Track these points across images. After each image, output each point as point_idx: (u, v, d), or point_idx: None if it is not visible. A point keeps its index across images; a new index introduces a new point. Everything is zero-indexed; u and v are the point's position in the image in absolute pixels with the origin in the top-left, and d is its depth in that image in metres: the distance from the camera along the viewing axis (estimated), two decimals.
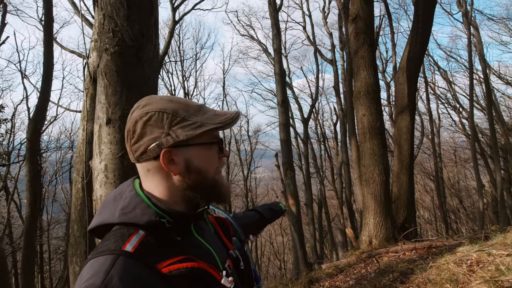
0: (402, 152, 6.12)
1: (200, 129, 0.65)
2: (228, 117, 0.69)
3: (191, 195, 0.68)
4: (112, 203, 0.67)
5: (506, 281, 2.72)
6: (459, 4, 11.51)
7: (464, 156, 20.06)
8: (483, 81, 11.77)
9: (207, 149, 0.68)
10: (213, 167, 0.69)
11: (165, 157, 0.65)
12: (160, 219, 0.62)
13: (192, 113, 0.67)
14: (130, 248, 0.57)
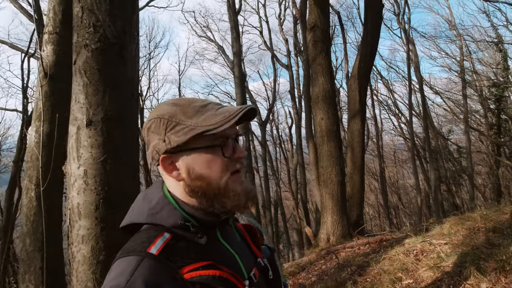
0: (354, 154, 6.60)
1: (191, 133, 0.62)
2: (226, 116, 0.62)
3: (199, 202, 0.65)
4: (141, 202, 0.68)
5: (447, 266, 3.10)
6: (399, 22, 12.82)
7: (402, 157, 22.25)
8: (419, 90, 13.23)
9: (208, 153, 0.63)
10: (218, 172, 0.64)
11: (165, 163, 0.65)
12: (185, 223, 0.62)
13: (189, 115, 0.64)
14: (155, 251, 0.57)
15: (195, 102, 0.67)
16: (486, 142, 14.98)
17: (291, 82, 14.24)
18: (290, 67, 14.62)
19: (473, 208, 9.30)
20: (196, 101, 0.67)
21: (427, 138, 11.66)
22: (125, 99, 1.17)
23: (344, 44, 10.74)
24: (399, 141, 21.57)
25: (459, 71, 15.35)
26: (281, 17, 14.81)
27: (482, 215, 4.19)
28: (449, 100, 16.90)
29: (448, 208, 11.70)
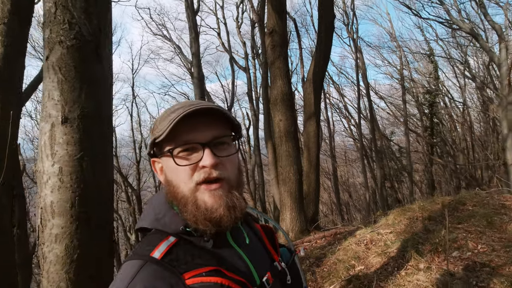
0: (310, 154, 6.97)
1: (151, 140, 0.64)
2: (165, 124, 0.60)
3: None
4: (149, 206, 0.68)
5: (392, 252, 3.48)
6: (348, 31, 13.82)
7: (352, 157, 23.84)
8: (366, 95, 14.36)
9: (171, 160, 0.61)
10: (180, 179, 0.61)
11: (154, 166, 0.69)
12: (186, 229, 0.61)
13: (161, 120, 0.63)
14: (158, 255, 0.57)
15: (180, 104, 0.64)
16: (422, 143, 16.80)
17: (248, 84, 14.47)
18: (248, 70, 14.84)
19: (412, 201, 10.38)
20: (183, 103, 0.64)
21: (373, 139, 12.77)
22: (102, 96, 1.18)
23: (300, 49, 11.32)
24: (349, 142, 23.05)
25: (399, 79, 17.00)
26: (238, 20, 14.98)
27: (420, 206, 4.75)
28: (391, 105, 18.62)
29: (392, 203, 12.92)
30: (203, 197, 0.60)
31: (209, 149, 0.60)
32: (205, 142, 0.60)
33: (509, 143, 10.63)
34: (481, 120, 17.15)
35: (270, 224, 0.90)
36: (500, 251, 2.99)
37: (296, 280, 0.73)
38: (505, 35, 11.17)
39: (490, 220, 3.64)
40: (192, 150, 0.61)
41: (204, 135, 0.61)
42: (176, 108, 0.63)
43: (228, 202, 0.60)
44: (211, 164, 0.59)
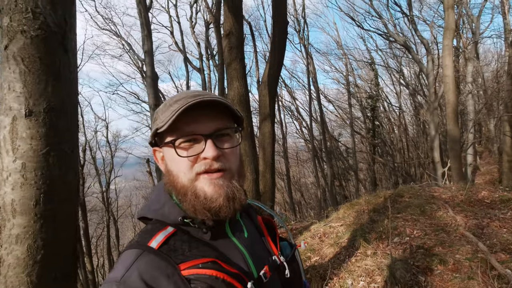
0: (265, 154, 7.17)
1: (153, 130, 0.63)
2: (167, 115, 0.59)
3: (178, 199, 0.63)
4: (152, 197, 0.69)
5: (343, 242, 3.78)
6: (300, 37, 14.49)
7: (303, 158, 24.90)
8: (316, 98, 15.18)
9: (172, 150, 0.61)
10: (180, 169, 0.61)
11: (157, 155, 0.68)
12: (184, 220, 0.61)
13: (164, 110, 0.62)
14: (155, 245, 0.57)
15: (181, 95, 0.63)
16: (365, 144, 18.28)
17: (203, 85, 14.31)
18: (203, 71, 14.68)
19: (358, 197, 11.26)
20: (184, 94, 0.63)
21: (323, 140, 13.58)
22: (69, 90, 1.13)
23: (255, 52, 11.57)
24: (301, 143, 24.05)
25: (345, 84, 18.30)
26: (192, 20, 14.75)
27: (365, 200, 5.21)
28: (339, 108, 19.96)
29: (340, 200, 13.84)
30: (202, 186, 0.60)
31: (211, 141, 0.59)
32: (207, 134, 0.60)
33: (436, 144, 12.13)
34: (414, 123, 19.29)
35: (271, 216, 0.90)
36: (431, 234, 3.45)
37: (296, 274, 0.73)
38: (431, 49, 12.77)
39: (423, 209, 4.16)
40: (194, 141, 0.60)
41: (207, 127, 0.60)
42: (178, 98, 0.62)
43: (228, 193, 0.60)
44: (213, 156, 0.59)
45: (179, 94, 0.64)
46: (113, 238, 15.52)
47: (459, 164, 7.54)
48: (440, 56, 10.42)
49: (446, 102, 8.18)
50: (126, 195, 23.91)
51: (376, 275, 2.91)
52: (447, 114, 8.24)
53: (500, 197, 4.45)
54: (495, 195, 4.55)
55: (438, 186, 6.06)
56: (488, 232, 3.40)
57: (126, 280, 0.52)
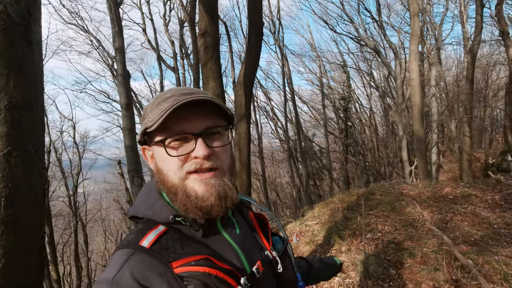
0: (242, 154, 7.15)
1: (142, 129, 0.63)
2: (158, 113, 0.58)
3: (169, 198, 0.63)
4: (141, 195, 0.67)
5: (319, 239, 3.85)
6: (275, 39, 14.64)
7: (278, 158, 25.16)
8: (291, 99, 15.41)
9: (162, 149, 0.60)
10: (170, 168, 0.60)
11: (146, 154, 0.67)
12: (175, 218, 0.60)
13: (152, 108, 0.61)
14: (146, 244, 0.56)
15: (170, 92, 0.62)
16: (339, 144, 18.83)
17: (177, 84, 14.02)
18: (177, 70, 14.38)
19: (333, 196, 11.56)
20: (173, 91, 0.63)
21: (298, 140, 13.81)
22: (33, 85, 1.05)
23: (230, 52, 11.51)
24: (276, 143, 24.31)
25: (319, 85, 18.74)
26: (166, 18, 14.41)
27: (339, 199, 5.35)
28: (313, 109, 20.40)
29: (315, 199, 14.14)
30: (193, 185, 0.59)
31: (202, 140, 0.59)
32: (197, 133, 0.59)
33: (403, 143, 12.75)
34: (383, 124, 20.16)
35: (262, 211, 0.91)
36: (401, 230, 3.62)
37: (288, 268, 0.73)
38: (399, 53, 13.42)
39: (393, 206, 4.35)
40: (184, 140, 0.60)
41: (197, 125, 0.60)
42: (167, 96, 0.61)
43: (220, 192, 0.59)
44: (204, 155, 0.59)
45: (169, 91, 0.63)
46: (81, 244, 14.75)
47: (425, 162, 7.98)
48: (407, 61, 10.98)
49: (413, 104, 8.62)
50: (96, 198, 22.84)
51: (351, 270, 3.00)
52: (413, 116, 8.69)
53: (461, 193, 4.76)
54: (457, 191, 4.86)
55: (406, 183, 6.36)
56: (452, 225, 3.63)
57: (119, 280, 0.51)
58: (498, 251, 2.91)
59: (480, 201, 4.39)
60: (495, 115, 19.49)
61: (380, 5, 13.03)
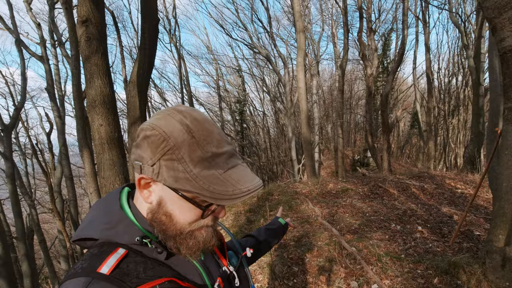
0: None
1: (181, 185, 0.53)
2: (229, 193, 0.53)
3: (155, 231, 0.59)
4: (96, 213, 0.60)
5: None
6: (170, 37, 13.93)
7: None
8: (188, 100, 15.01)
9: (189, 205, 0.56)
10: (187, 221, 0.57)
11: (141, 182, 0.58)
12: (142, 240, 0.56)
13: (195, 159, 0.52)
14: (106, 270, 0.51)
15: (211, 142, 0.55)
16: (235, 145, 19.48)
17: (48, 77, 11.58)
18: (47, 59, 11.91)
19: None
20: (213, 141, 0.55)
21: None
22: None
23: (120, 47, 10.17)
24: None
25: (216, 88, 18.96)
26: None
27: (242, 202, 5.49)
28: (210, 111, 20.43)
29: None
30: (199, 236, 0.59)
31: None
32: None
33: (292, 144, 14.22)
34: (275, 126, 22.04)
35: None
36: (298, 227, 3.96)
37: (244, 282, 0.76)
38: (287, 63, 14.91)
39: (290, 205, 4.74)
40: (212, 207, 0.59)
41: None
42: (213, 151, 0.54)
43: (215, 233, 0.63)
44: (224, 216, 0.61)
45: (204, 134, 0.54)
46: None
47: (311, 161, 9.07)
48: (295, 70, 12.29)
49: (300, 109, 9.69)
50: None
51: (258, 274, 3.08)
52: (301, 120, 9.76)
53: (341, 188, 5.61)
54: (338, 187, 5.70)
55: (298, 182, 7.07)
56: (337, 218, 4.21)
57: None
58: (372, 236, 3.54)
59: (355, 194, 5.26)
60: (357, 119, 24.06)
61: (271, 18, 14.17)
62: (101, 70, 5.53)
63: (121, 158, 5.41)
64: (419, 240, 3.42)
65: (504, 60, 2.52)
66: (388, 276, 2.73)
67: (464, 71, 15.34)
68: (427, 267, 2.78)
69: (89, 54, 5.53)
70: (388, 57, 17.17)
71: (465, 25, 12.29)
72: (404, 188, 5.51)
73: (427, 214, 4.22)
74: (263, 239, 1.10)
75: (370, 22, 11.69)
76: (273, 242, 1.15)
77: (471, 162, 8.69)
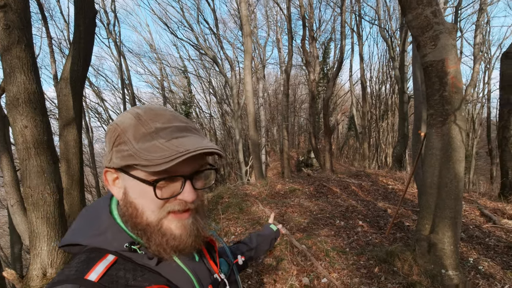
0: (71, 167, 5.82)
1: (125, 161, 0.53)
2: (166, 155, 0.50)
3: (131, 230, 0.56)
4: (85, 219, 0.59)
5: None
6: (109, 32, 12.89)
7: None
8: (130, 101, 14.08)
9: (146, 187, 0.53)
10: (150, 207, 0.54)
11: (108, 177, 0.58)
12: (131, 246, 0.55)
13: (138, 136, 0.53)
14: (94, 277, 0.50)
15: (158, 120, 0.55)
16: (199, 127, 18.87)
17: None
18: None
19: None
20: (160, 119, 0.55)
21: None
22: None
23: (49, 38, 8.98)
24: None
25: (160, 89, 18.15)
26: None
27: None
28: None
29: None
30: (169, 225, 0.55)
31: (190, 183, 0.55)
32: (188, 175, 0.55)
33: (240, 146, 14.31)
34: (222, 128, 21.91)
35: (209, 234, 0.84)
36: (250, 229, 3.99)
37: None
38: (234, 66, 14.99)
39: (241, 207, 4.75)
40: (170, 179, 0.54)
41: (188, 167, 0.55)
42: (158, 127, 0.53)
43: (195, 232, 0.57)
44: (191, 200, 0.55)
45: (154, 116, 0.55)
46: None
47: (259, 163, 9.24)
48: (242, 73, 12.41)
49: (248, 112, 9.81)
50: None
51: None
52: (249, 122, 9.89)
53: (289, 188, 5.82)
54: (286, 187, 5.90)
55: (248, 184, 7.13)
56: (287, 217, 4.35)
57: None
58: (319, 233, 3.74)
59: (302, 194, 5.51)
60: (301, 122, 25.29)
61: (218, 20, 14.10)
62: (24, 64, 4.87)
63: (52, 164, 4.82)
64: (361, 234, 3.72)
65: (426, 73, 2.90)
66: (336, 269, 2.91)
67: (391, 80, 17.27)
68: (368, 258, 3.04)
69: (9, 45, 4.82)
70: (328, 64, 18.44)
71: (392, 39, 13.86)
72: (345, 186, 5.95)
73: (366, 209, 4.62)
74: (255, 246, 1.09)
75: (312, 31, 12.41)
76: (265, 248, 1.14)
77: (399, 161, 9.79)
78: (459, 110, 2.73)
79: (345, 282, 2.70)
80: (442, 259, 2.69)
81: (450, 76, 2.71)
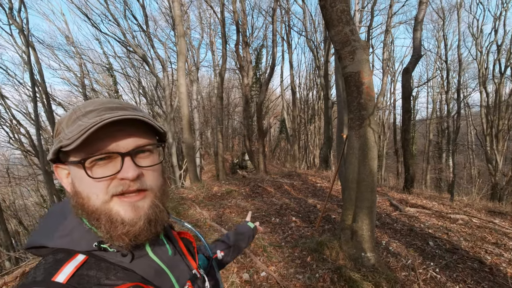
0: None
1: (55, 147, 0.53)
2: (79, 130, 0.49)
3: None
4: (51, 220, 0.58)
5: None
6: (11, 17, 11.04)
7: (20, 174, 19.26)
8: (41, 100, 12.31)
9: (81, 171, 0.52)
10: (91, 191, 0.52)
11: (59, 173, 0.57)
12: (100, 245, 0.53)
13: (69, 123, 0.53)
14: (62, 279, 0.48)
15: (90, 105, 0.54)
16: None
17: None
18: None
19: None
20: (93, 103, 0.54)
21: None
22: None
23: None
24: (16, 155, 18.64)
25: (80, 86, 16.32)
26: None
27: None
28: None
29: None
30: (118, 209, 0.52)
31: (130, 159, 0.53)
32: (125, 152, 0.53)
33: (173, 150, 13.79)
34: None
35: (187, 230, 0.84)
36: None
37: (215, 285, 0.75)
38: (166, 66, 14.41)
39: (178, 211, 4.63)
40: (109, 159, 0.52)
41: (125, 144, 0.53)
42: (88, 109, 0.53)
43: (149, 215, 0.54)
44: (132, 176, 0.52)
45: (90, 103, 0.55)
46: None
47: (194, 166, 9.07)
48: (174, 74, 12.03)
49: (182, 115, 9.56)
50: None
51: None
52: (183, 125, 9.64)
53: (225, 190, 5.89)
54: (223, 189, 5.96)
55: (184, 188, 6.96)
56: (225, 218, 4.41)
57: None
58: None
59: (238, 195, 5.63)
60: (235, 125, 25.65)
61: (147, 17, 13.39)
62: None
63: None
64: (294, 229, 4.01)
65: (346, 82, 3.31)
66: (273, 263, 3.09)
67: (317, 87, 18.85)
68: (301, 249, 3.31)
69: None
70: (260, 69, 19.17)
71: (317, 50, 15.19)
72: (279, 186, 6.29)
73: (298, 206, 4.98)
74: (233, 243, 1.08)
75: (245, 36, 12.78)
76: (243, 245, 1.12)
77: (325, 161, 10.76)
78: (372, 115, 3.20)
79: (282, 274, 2.89)
80: (362, 244, 3.10)
81: (365, 86, 3.15)
